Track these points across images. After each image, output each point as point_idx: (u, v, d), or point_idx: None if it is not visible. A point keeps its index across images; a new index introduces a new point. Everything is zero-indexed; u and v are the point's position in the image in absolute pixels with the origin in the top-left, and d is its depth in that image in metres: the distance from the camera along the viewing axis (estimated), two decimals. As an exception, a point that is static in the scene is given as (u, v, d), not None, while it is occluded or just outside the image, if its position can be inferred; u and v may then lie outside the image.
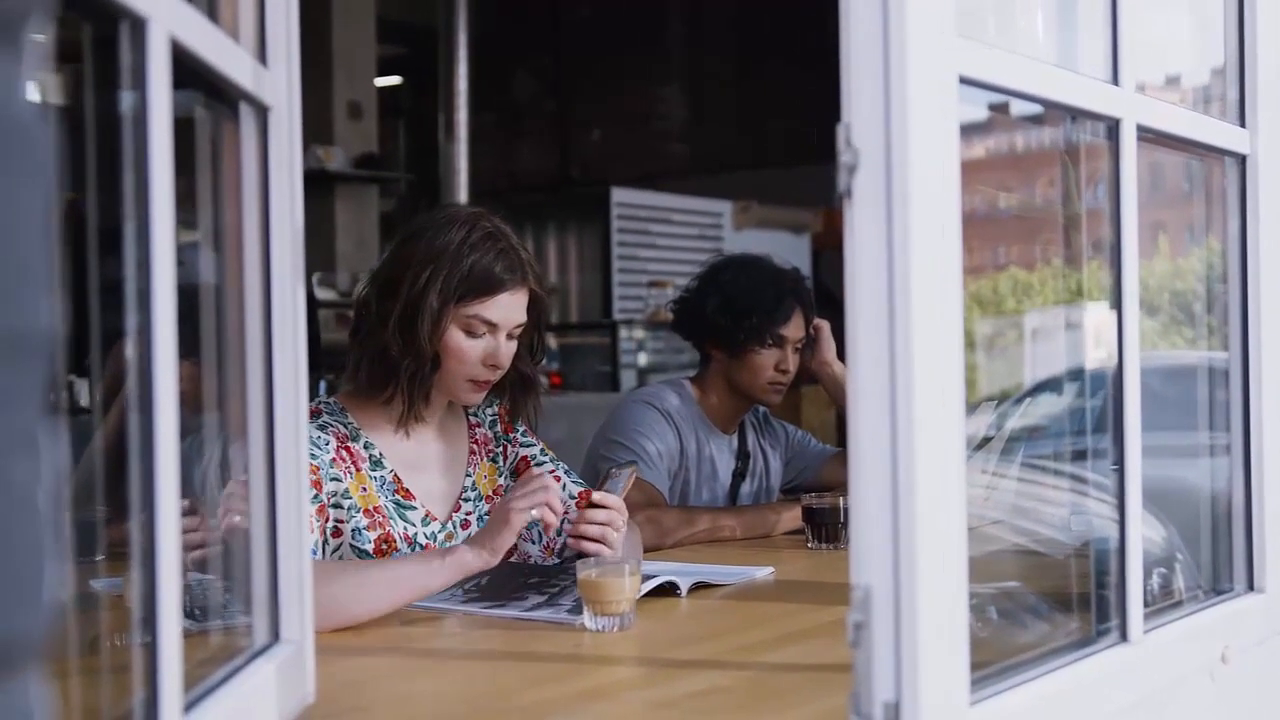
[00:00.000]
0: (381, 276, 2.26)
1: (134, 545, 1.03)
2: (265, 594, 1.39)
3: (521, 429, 2.50)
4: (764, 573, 2.39)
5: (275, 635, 1.39)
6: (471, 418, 2.45)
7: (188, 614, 1.18)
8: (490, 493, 2.40)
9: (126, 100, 1.03)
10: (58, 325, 0.60)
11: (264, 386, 1.38)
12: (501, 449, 2.46)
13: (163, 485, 1.02)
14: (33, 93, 0.58)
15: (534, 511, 2.01)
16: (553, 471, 2.45)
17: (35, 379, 0.58)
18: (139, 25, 1.01)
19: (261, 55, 1.36)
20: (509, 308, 2.25)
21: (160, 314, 1.02)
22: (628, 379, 7.43)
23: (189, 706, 1.11)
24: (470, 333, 2.23)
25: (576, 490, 2.44)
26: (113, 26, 1.01)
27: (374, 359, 2.24)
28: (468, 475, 2.38)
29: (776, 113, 9.17)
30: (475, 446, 2.42)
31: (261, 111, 1.36)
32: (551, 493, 2.04)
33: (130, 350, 1.03)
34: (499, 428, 2.47)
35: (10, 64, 0.56)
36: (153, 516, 1.02)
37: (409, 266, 2.21)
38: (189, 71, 1.13)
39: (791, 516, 2.86)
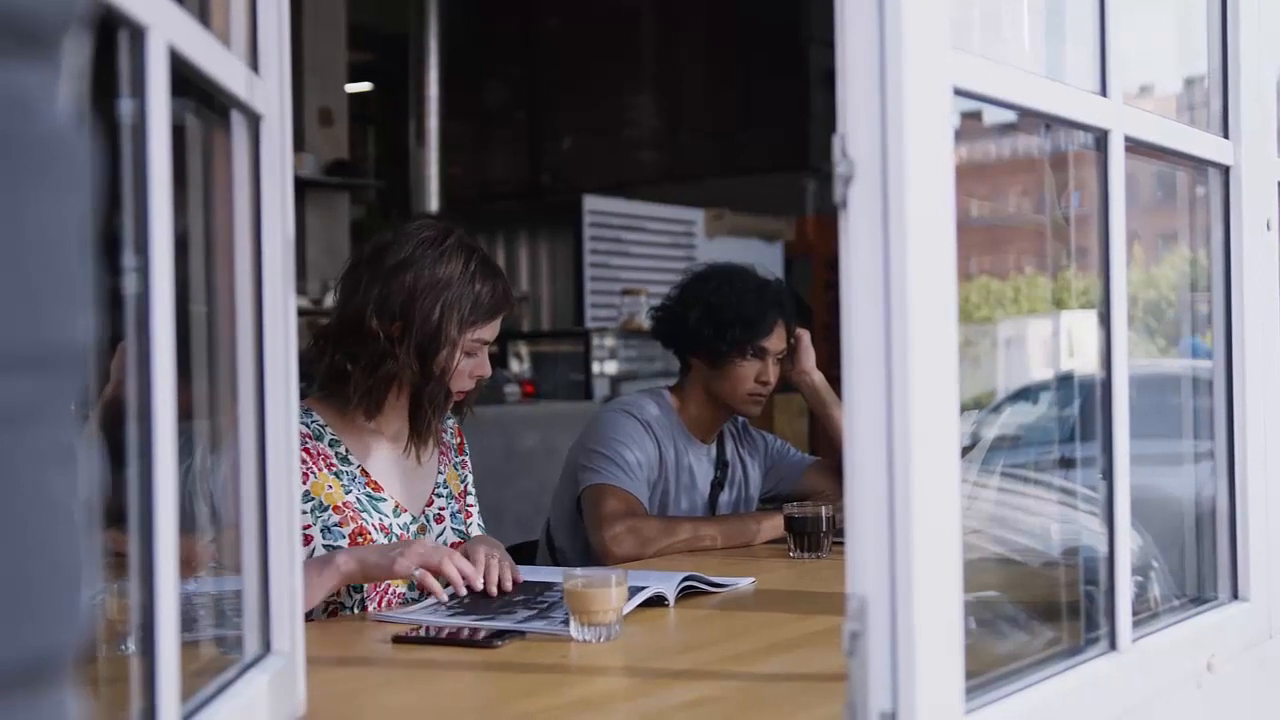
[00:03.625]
0: (385, 303, 2.28)
1: (132, 556, 1.02)
2: (256, 605, 1.38)
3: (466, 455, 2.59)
4: (746, 582, 2.40)
5: (267, 647, 1.38)
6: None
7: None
8: (458, 493, 2.51)
9: (124, 107, 1.02)
10: (92, 338, 0.60)
11: (255, 396, 1.37)
12: (462, 461, 2.57)
13: (160, 497, 1.01)
14: (71, 103, 0.58)
15: (417, 572, 2.09)
16: (441, 509, 2.49)
17: (71, 392, 0.58)
18: (138, 33, 1.00)
19: (253, 63, 1.36)
20: (499, 326, 2.39)
21: (159, 321, 1.02)
22: (600, 387, 7.41)
23: (185, 718, 1.10)
24: (469, 354, 2.34)
25: (452, 540, 2.46)
26: (110, 34, 1.00)
27: (385, 383, 2.30)
28: (439, 473, 2.48)
29: (749, 121, 9.20)
30: (444, 448, 2.52)
31: (254, 120, 1.35)
32: (447, 565, 2.12)
33: (129, 359, 1.02)
34: (456, 440, 2.58)
35: (48, 76, 0.56)
36: (150, 528, 1.01)
37: (414, 296, 2.27)
38: (182, 79, 1.12)
39: (773, 525, 2.87)
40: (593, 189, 8.54)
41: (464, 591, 2.14)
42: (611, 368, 7.59)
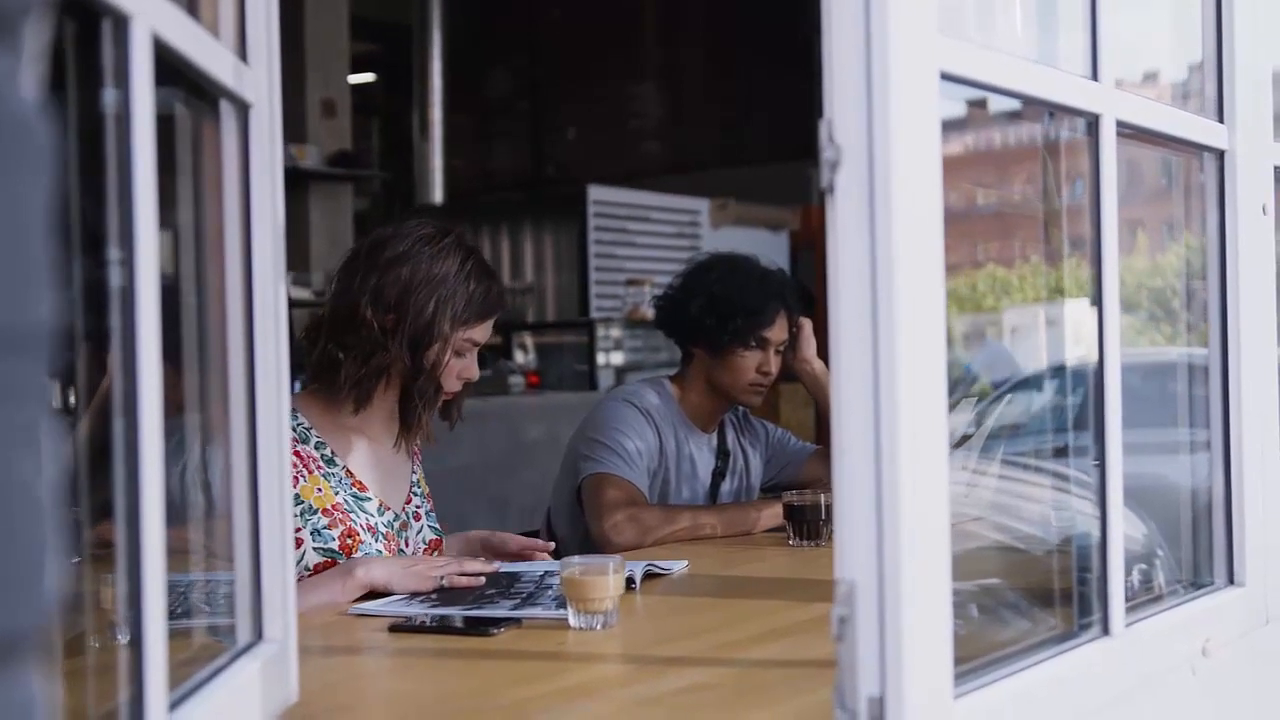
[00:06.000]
0: (380, 294, 2.31)
1: (119, 546, 1.02)
2: (248, 593, 1.38)
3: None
4: (680, 566, 2.42)
5: (258, 634, 1.39)
6: None
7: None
8: (427, 493, 2.55)
9: (108, 97, 1.02)
10: (55, 321, 0.60)
11: (246, 387, 1.38)
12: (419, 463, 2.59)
13: (147, 486, 1.02)
14: (31, 89, 0.58)
15: (444, 581, 2.17)
16: (418, 507, 2.53)
17: (38, 374, 0.58)
18: (121, 22, 1.00)
19: (242, 52, 1.36)
20: (490, 329, 2.41)
21: (144, 314, 1.02)
22: (605, 378, 7.42)
23: (174, 705, 1.10)
24: (458, 353, 2.36)
25: (430, 537, 2.52)
26: (94, 23, 1.01)
27: (375, 375, 2.32)
28: (414, 472, 2.51)
29: (753, 110, 9.19)
30: (416, 450, 2.54)
31: (243, 109, 1.36)
32: (467, 565, 2.24)
33: (113, 351, 1.02)
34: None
35: (9, 60, 0.56)
36: (137, 517, 1.02)
37: (410, 289, 2.30)
38: (169, 69, 1.12)
39: (772, 514, 2.87)
40: (597, 179, 8.54)
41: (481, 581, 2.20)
42: (616, 358, 7.59)
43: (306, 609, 2.02)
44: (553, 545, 2.55)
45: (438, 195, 8.90)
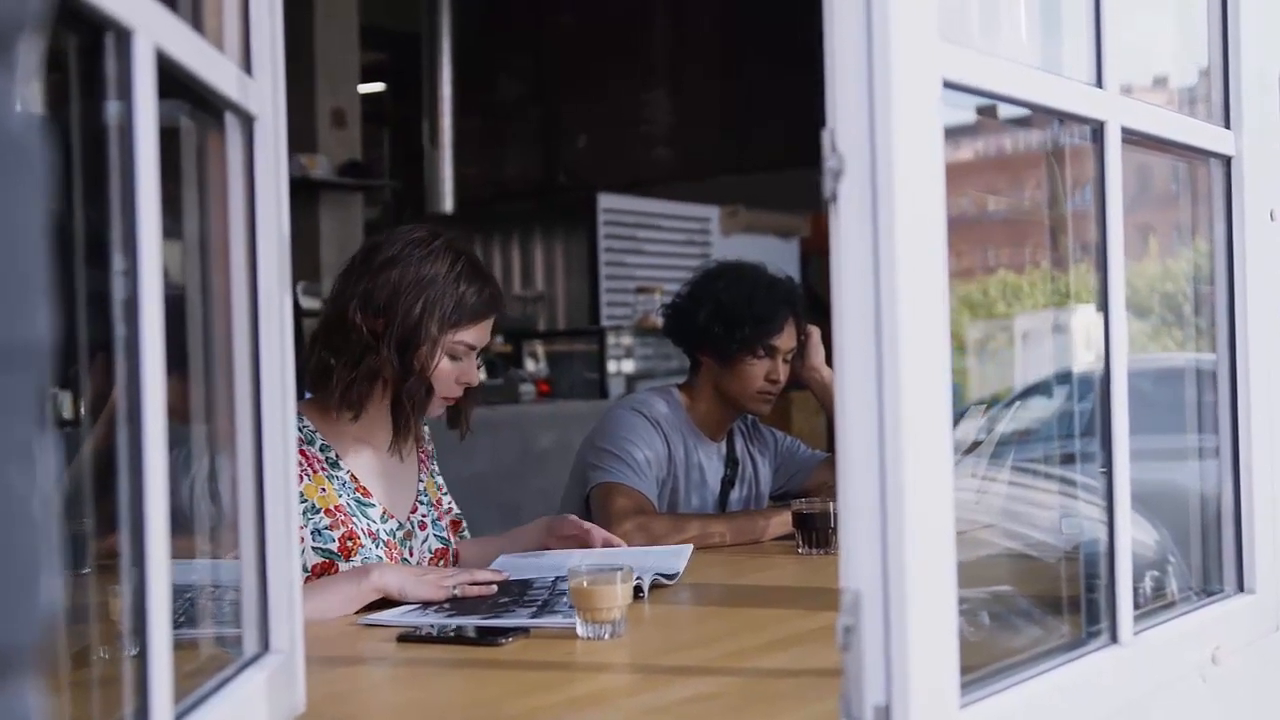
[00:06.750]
0: (370, 298, 2.32)
1: (123, 557, 1.03)
2: (255, 604, 1.38)
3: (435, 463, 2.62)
4: (686, 549, 2.46)
5: (265, 645, 1.39)
6: None
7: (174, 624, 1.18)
8: (435, 501, 2.54)
9: (111, 110, 1.03)
10: (52, 336, 0.61)
11: (251, 397, 1.38)
12: (435, 465, 2.60)
13: (151, 496, 1.02)
14: (27, 104, 0.58)
15: (456, 591, 2.17)
16: (424, 517, 2.52)
17: (32, 389, 0.59)
18: (124, 36, 1.01)
19: (246, 65, 1.36)
20: (487, 332, 2.41)
21: (148, 325, 1.02)
22: (616, 386, 7.42)
23: (180, 716, 1.11)
24: (453, 357, 2.37)
25: (436, 546, 2.51)
26: (97, 36, 1.01)
27: (366, 379, 2.33)
28: (420, 481, 2.51)
29: (763, 117, 9.18)
30: (423, 457, 2.55)
31: (247, 121, 1.36)
32: (478, 575, 2.24)
33: (118, 362, 1.02)
34: (431, 447, 2.61)
35: (4, 75, 0.56)
36: (142, 528, 1.02)
37: (399, 292, 2.31)
38: (173, 81, 1.13)
39: (781, 522, 2.86)
40: (607, 187, 8.54)
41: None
42: (627, 366, 7.59)
43: (318, 610, 2.02)
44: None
45: (448, 204, 8.90)
